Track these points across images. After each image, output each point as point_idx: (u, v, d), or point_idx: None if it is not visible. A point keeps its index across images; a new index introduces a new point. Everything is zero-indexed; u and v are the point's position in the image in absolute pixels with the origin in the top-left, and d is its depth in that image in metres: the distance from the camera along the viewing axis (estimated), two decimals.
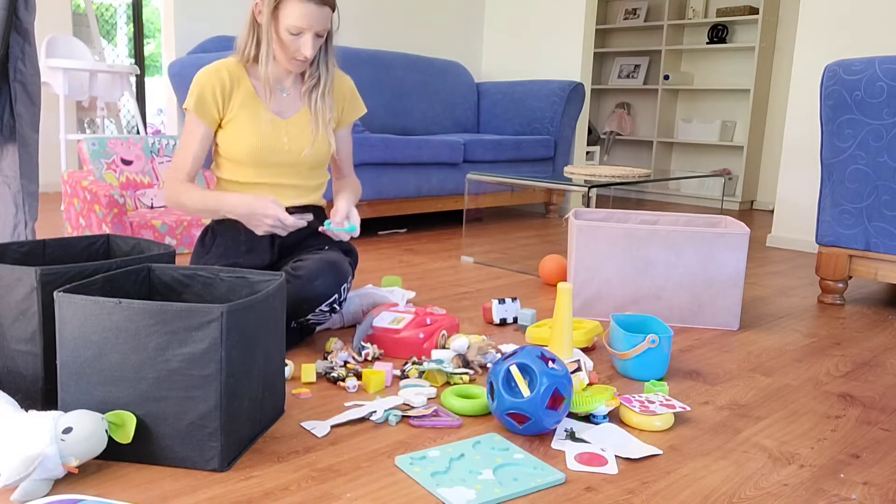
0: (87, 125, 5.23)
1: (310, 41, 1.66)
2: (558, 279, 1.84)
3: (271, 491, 1.08)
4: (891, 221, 2.26)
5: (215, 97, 1.71)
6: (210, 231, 1.82)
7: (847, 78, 2.31)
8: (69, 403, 1.13)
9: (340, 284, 1.66)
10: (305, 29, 1.65)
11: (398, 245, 3.18)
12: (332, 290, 1.64)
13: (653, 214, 2.37)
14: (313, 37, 1.67)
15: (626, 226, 2.04)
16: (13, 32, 1.74)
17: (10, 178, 1.82)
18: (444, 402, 1.42)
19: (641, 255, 2.04)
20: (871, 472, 1.23)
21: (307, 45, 1.66)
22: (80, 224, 2.87)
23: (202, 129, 1.73)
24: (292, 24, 1.64)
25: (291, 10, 1.63)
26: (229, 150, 1.74)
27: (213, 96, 1.71)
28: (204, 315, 1.08)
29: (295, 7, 1.63)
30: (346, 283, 1.68)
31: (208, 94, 1.71)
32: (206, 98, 1.71)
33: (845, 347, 1.95)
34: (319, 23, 1.66)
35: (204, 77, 1.72)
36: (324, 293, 1.63)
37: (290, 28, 1.64)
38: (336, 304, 1.67)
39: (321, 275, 1.62)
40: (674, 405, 1.40)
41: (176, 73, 3.38)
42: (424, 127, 4.19)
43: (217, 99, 1.71)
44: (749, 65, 5.03)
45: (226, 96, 1.73)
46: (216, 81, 1.71)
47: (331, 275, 1.63)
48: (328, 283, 1.63)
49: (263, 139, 1.73)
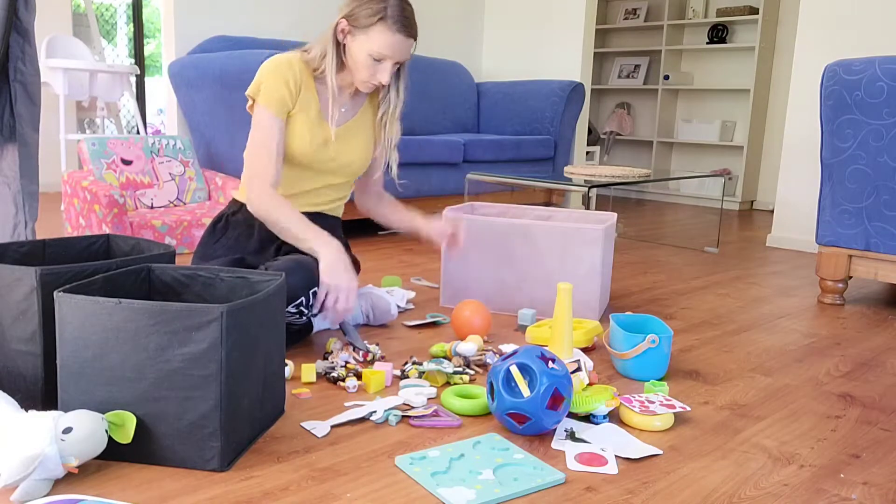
0: (87, 125, 5.23)
1: (389, 68, 1.68)
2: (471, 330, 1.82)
3: (271, 491, 1.08)
4: (891, 221, 2.26)
5: (290, 90, 1.69)
6: (224, 219, 1.80)
7: (847, 78, 2.31)
8: (69, 403, 1.13)
9: (309, 287, 1.59)
10: (389, 57, 1.67)
11: (398, 245, 3.18)
12: (298, 292, 1.57)
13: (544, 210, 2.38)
14: (393, 65, 1.69)
15: (488, 219, 2.10)
16: (13, 32, 1.74)
17: (10, 178, 1.82)
18: (444, 402, 1.41)
19: (504, 248, 2.09)
20: (871, 472, 1.23)
21: (386, 72, 1.68)
22: (80, 224, 2.87)
23: (279, 125, 1.69)
24: (378, 50, 1.65)
25: (380, 37, 1.64)
26: None
27: (288, 90, 1.69)
28: (204, 315, 1.08)
29: (385, 36, 1.64)
30: (317, 287, 1.61)
31: (283, 88, 1.68)
32: (282, 92, 1.68)
33: (845, 347, 1.95)
34: (402, 53, 1.68)
35: (275, 69, 1.69)
36: (291, 293, 1.56)
37: (374, 54, 1.66)
38: (304, 307, 1.61)
39: (290, 274, 1.54)
40: (674, 405, 1.40)
41: (176, 73, 3.38)
42: (424, 127, 4.19)
43: (292, 91, 1.69)
44: (749, 65, 5.03)
45: (297, 90, 1.71)
46: (290, 75, 1.69)
47: (300, 275, 1.57)
48: (296, 283, 1.56)
49: (315, 147, 1.75)
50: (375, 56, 1.66)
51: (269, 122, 1.68)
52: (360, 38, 1.66)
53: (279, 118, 1.69)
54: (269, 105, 1.68)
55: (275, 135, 1.68)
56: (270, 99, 1.67)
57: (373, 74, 1.69)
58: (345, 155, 1.81)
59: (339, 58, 1.73)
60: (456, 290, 2.16)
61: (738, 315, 2.23)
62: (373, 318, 1.94)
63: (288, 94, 1.69)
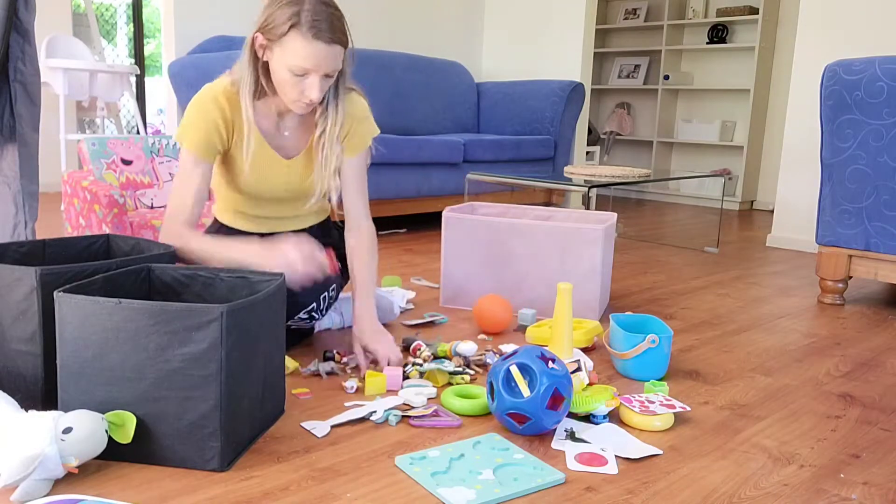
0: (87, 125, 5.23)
1: (317, 83, 1.45)
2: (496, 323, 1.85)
3: (271, 491, 1.08)
4: (891, 221, 2.26)
5: (219, 131, 1.52)
6: (218, 225, 1.80)
7: (847, 78, 2.31)
8: (69, 403, 1.13)
9: (321, 293, 1.60)
10: (311, 70, 1.43)
11: (398, 245, 3.18)
12: (310, 299, 1.58)
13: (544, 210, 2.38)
14: (321, 78, 1.46)
15: (489, 219, 2.09)
16: (14, 33, 1.74)
17: (11, 178, 1.82)
18: (445, 402, 1.41)
19: (503, 248, 2.09)
20: (871, 472, 1.23)
21: (314, 87, 1.45)
22: (80, 224, 2.87)
23: (201, 170, 1.53)
24: (296, 63, 1.42)
25: (295, 47, 1.41)
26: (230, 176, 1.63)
27: (217, 131, 1.52)
28: (204, 315, 1.08)
29: (300, 45, 1.40)
30: (327, 292, 1.63)
31: (211, 130, 1.51)
32: (209, 135, 1.52)
33: (845, 347, 1.95)
34: (328, 63, 1.44)
35: (199, 110, 1.51)
36: (302, 301, 1.57)
37: (294, 68, 1.43)
38: (315, 312, 1.62)
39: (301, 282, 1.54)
40: (674, 405, 1.40)
41: (176, 73, 3.38)
42: (424, 127, 4.19)
43: (222, 135, 1.53)
44: (749, 65, 5.03)
45: (229, 130, 1.54)
46: (218, 116, 1.52)
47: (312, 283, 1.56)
48: (308, 290, 1.56)
49: (260, 180, 1.60)
50: (296, 71, 1.42)
51: (191, 166, 1.53)
52: (277, 52, 1.44)
53: (204, 162, 1.53)
54: (192, 149, 1.52)
55: (194, 180, 1.52)
56: (192, 142, 1.52)
57: (301, 92, 1.46)
58: (300, 187, 1.65)
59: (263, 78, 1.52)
60: (456, 290, 2.16)
61: (738, 315, 2.23)
62: None
63: (217, 136, 1.52)
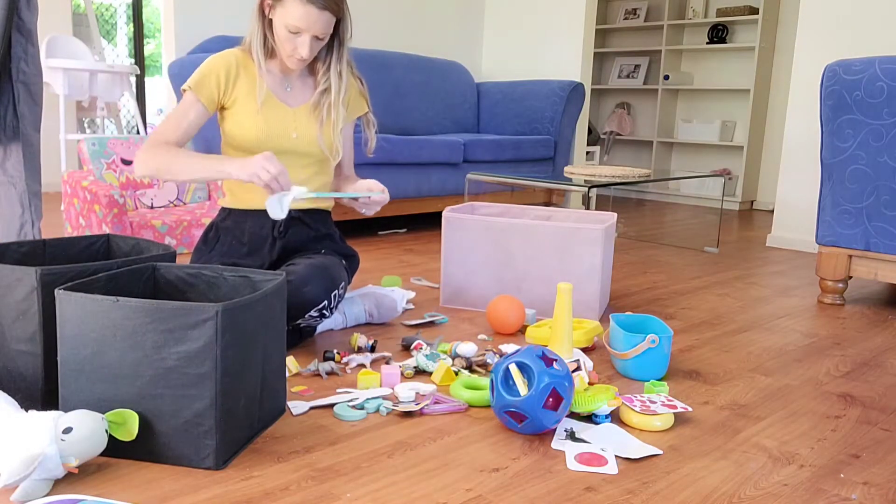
0: (87, 125, 5.23)
1: (307, 42, 1.67)
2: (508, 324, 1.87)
3: (271, 491, 1.08)
4: (891, 221, 2.26)
5: (218, 78, 1.72)
6: (214, 228, 1.82)
7: (847, 78, 2.30)
8: (69, 399, 1.14)
9: (331, 291, 1.64)
10: (304, 30, 1.65)
11: (398, 245, 3.18)
12: (321, 297, 1.62)
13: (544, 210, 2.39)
14: (312, 39, 1.67)
15: (488, 219, 2.10)
16: (16, 33, 1.74)
17: (16, 178, 1.82)
18: (453, 393, 1.45)
19: (504, 248, 2.09)
20: (871, 472, 1.23)
21: (304, 45, 1.67)
22: (80, 224, 2.87)
23: (197, 108, 1.71)
24: (291, 23, 1.65)
25: (292, 9, 1.64)
26: (236, 135, 1.73)
27: (217, 77, 1.71)
28: (199, 314, 1.08)
29: (296, 7, 1.63)
30: (338, 290, 1.66)
31: (211, 76, 1.71)
32: (209, 78, 1.71)
33: (845, 347, 1.95)
34: (318, 26, 1.66)
35: (211, 61, 1.73)
36: (313, 299, 1.60)
37: (290, 27, 1.65)
38: (326, 310, 1.65)
39: (311, 280, 1.60)
40: (675, 405, 1.40)
41: (176, 73, 3.37)
42: (424, 127, 4.19)
43: (220, 80, 1.72)
44: (749, 65, 5.03)
45: (230, 80, 1.73)
46: (222, 65, 1.73)
47: (321, 281, 1.61)
48: (318, 289, 1.61)
49: (270, 124, 1.74)
50: (291, 29, 1.65)
51: (189, 101, 1.70)
52: (279, 11, 1.67)
53: (201, 103, 1.70)
54: (195, 88, 1.70)
55: (188, 115, 1.70)
56: (193, 81, 1.70)
57: (294, 48, 1.69)
58: (307, 132, 1.78)
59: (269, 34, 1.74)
60: (456, 290, 2.16)
61: (738, 315, 2.23)
62: (377, 315, 1.94)
63: (216, 86, 1.71)
